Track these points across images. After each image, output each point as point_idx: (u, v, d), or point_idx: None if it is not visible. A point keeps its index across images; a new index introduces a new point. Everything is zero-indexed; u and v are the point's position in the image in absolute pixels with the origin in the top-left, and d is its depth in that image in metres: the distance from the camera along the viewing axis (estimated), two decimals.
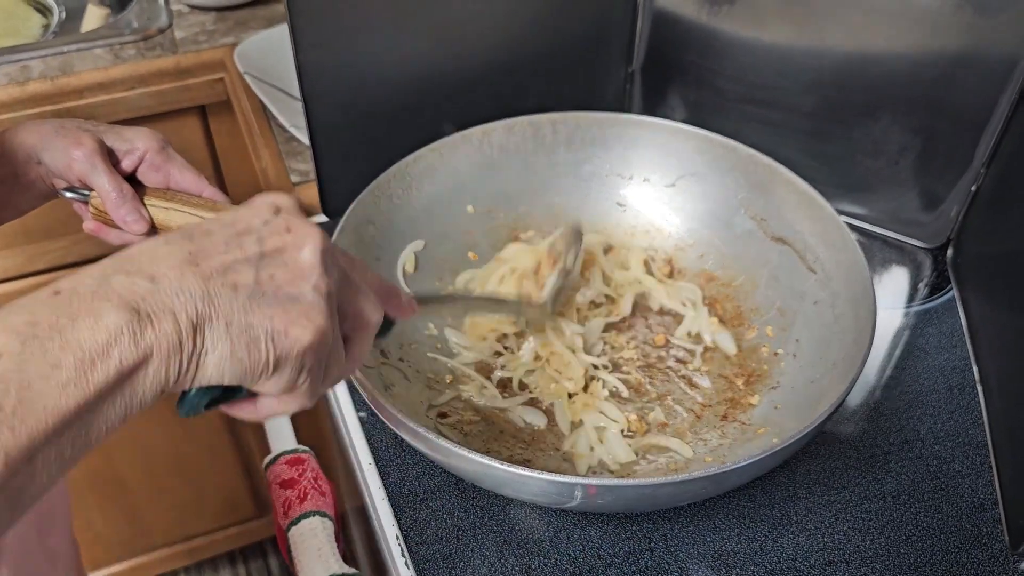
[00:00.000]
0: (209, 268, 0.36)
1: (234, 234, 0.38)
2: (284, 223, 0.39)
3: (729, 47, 0.84)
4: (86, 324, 0.33)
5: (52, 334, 0.32)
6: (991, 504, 0.65)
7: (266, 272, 0.37)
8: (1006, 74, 0.73)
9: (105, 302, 0.33)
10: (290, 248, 0.38)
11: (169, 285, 0.35)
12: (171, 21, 1.12)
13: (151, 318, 0.34)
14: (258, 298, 0.37)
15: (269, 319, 0.37)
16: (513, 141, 0.81)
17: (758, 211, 0.77)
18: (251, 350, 0.36)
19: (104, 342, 0.33)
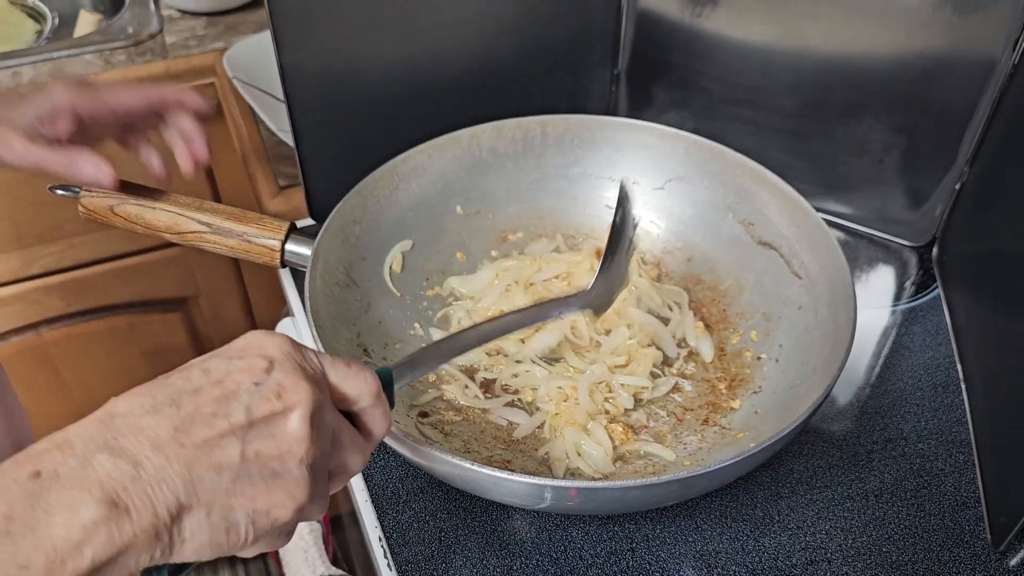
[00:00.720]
0: (193, 447, 0.35)
1: (222, 396, 0.36)
2: (275, 386, 0.37)
3: (713, 48, 0.84)
4: (61, 520, 0.32)
5: (25, 531, 0.32)
6: (974, 502, 0.66)
7: (252, 447, 0.36)
8: (987, 73, 0.73)
9: (84, 492, 0.32)
10: (278, 418, 0.37)
11: (152, 472, 0.34)
12: (162, 26, 1.12)
13: (130, 512, 0.33)
14: (242, 479, 0.36)
15: (251, 500, 0.36)
16: (502, 143, 0.81)
17: (745, 215, 0.77)
18: (230, 534, 0.36)
19: (78, 540, 0.32)
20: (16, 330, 1.17)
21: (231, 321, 1.30)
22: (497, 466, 0.63)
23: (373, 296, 0.73)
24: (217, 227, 0.70)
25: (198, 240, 0.71)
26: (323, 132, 0.78)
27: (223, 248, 0.71)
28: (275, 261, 0.70)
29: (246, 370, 0.37)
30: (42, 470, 0.33)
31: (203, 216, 0.70)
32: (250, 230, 0.70)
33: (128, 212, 0.70)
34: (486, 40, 0.83)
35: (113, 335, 1.22)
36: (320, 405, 0.38)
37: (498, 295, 0.76)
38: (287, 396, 0.37)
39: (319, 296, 0.66)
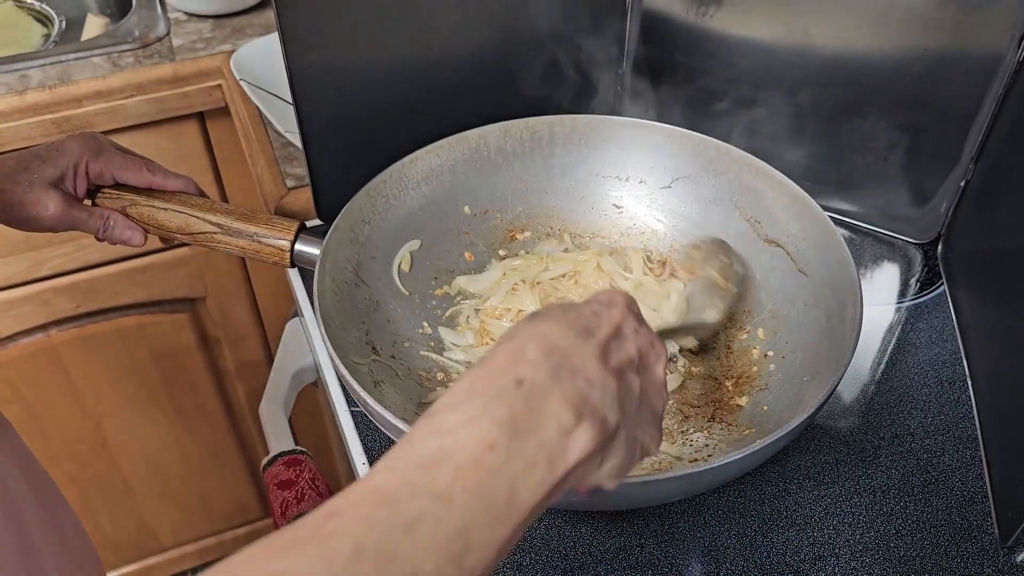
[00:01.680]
0: (614, 371, 0.39)
1: (616, 333, 0.40)
2: (648, 335, 0.42)
3: (718, 46, 0.84)
4: (551, 423, 0.35)
5: (528, 431, 0.35)
6: (981, 497, 0.66)
7: (643, 383, 0.40)
8: (992, 69, 0.73)
9: (560, 402, 0.36)
10: (652, 363, 0.42)
11: (600, 390, 0.37)
12: (169, 29, 1.13)
13: (589, 421, 0.36)
14: (641, 408, 0.40)
15: (644, 429, 0.40)
16: (510, 143, 0.82)
17: (752, 213, 0.77)
18: (632, 461, 0.39)
19: (563, 443, 0.35)
20: (26, 331, 1.18)
21: (239, 322, 1.31)
22: None
23: (382, 295, 0.74)
24: (227, 228, 0.71)
25: (209, 241, 0.72)
26: (331, 134, 0.78)
27: (234, 248, 0.72)
28: (285, 261, 0.71)
29: (621, 315, 0.41)
30: (524, 379, 0.36)
31: (214, 217, 0.71)
32: (260, 230, 0.71)
33: (141, 214, 0.72)
34: (491, 41, 0.83)
35: (122, 336, 1.23)
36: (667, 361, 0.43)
37: (505, 294, 0.76)
38: (657, 347, 0.42)
39: (328, 295, 0.67)
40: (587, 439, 0.36)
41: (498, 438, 0.34)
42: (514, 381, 0.36)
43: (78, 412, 1.28)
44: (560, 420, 0.36)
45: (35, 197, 0.67)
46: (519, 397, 0.36)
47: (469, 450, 0.34)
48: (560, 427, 0.36)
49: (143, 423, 1.35)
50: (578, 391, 0.37)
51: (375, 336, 0.71)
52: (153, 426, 1.36)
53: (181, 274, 1.21)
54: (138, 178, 0.72)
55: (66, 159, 0.69)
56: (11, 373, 1.20)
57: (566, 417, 0.36)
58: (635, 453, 0.40)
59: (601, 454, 0.38)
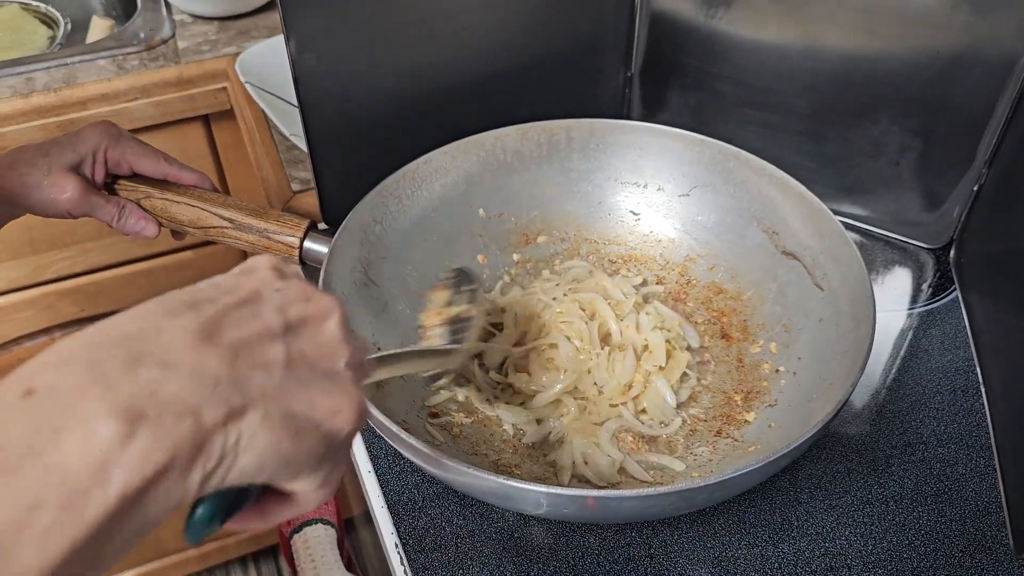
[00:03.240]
0: (229, 344, 0.29)
1: (244, 301, 0.31)
2: (299, 290, 0.34)
3: (727, 49, 0.83)
4: (74, 439, 0.25)
5: (27, 461, 0.24)
6: (995, 507, 0.65)
7: (296, 347, 0.31)
8: (1005, 73, 0.72)
9: (98, 403, 0.26)
10: (315, 319, 0.33)
11: (188, 373, 0.28)
12: (174, 31, 1.12)
13: (162, 420, 0.26)
14: (295, 378, 0.31)
15: (311, 404, 0.31)
16: (527, 146, 0.81)
17: (770, 224, 0.76)
18: (298, 441, 0.30)
19: (100, 462, 0.25)
20: (29, 335, 1.17)
21: None
22: (503, 471, 0.63)
23: (391, 295, 0.73)
24: (238, 223, 0.72)
25: (219, 235, 0.73)
26: (337, 138, 0.78)
27: (244, 243, 0.72)
28: (294, 258, 0.71)
29: (260, 280, 0.33)
30: (35, 387, 0.26)
31: (225, 212, 0.72)
32: (270, 226, 0.71)
33: (155, 206, 0.73)
34: (499, 44, 0.83)
35: None
36: (347, 316, 0.35)
37: None
38: (317, 301, 0.34)
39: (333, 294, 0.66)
40: (148, 446, 0.26)
41: None
42: (21, 392, 0.26)
43: None
44: (93, 432, 0.25)
45: (54, 180, 0.67)
46: (22, 412, 0.25)
47: None
48: (94, 441, 0.25)
49: None
50: (138, 385, 0.26)
51: (381, 337, 0.70)
52: None
53: (184, 277, 1.21)
54: (154, 168, 0.73)
55: (85, 145, 0.70)
56: None
57: (105, 426, 0.25)
58: (301, 431, 0.30)
59: (205, 455, 0.27)
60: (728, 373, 0.72)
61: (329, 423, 0.31)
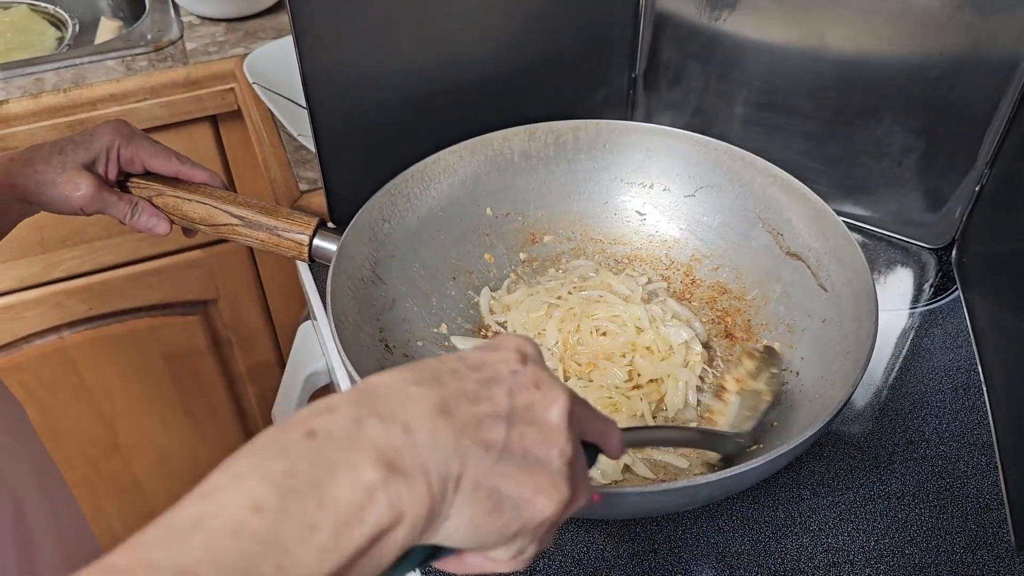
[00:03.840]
0: (462, 420, 0.33)
1: (484, 380, 0.35)
2: (533, 376, 0.36)
3: (731, 50, 0.84)
4: (344, 479, 0.30)
5: (310, 489, 0.29)
6: (997, 504, 0.65)
7: (517, 431, 0.34)
8: (1008, 73, 0.73)
9: (361, 454, 0.30)
10: (539, 406, 0.35)
11: (424, 439, 0.32)
12: (182, 32, 1.13)
13: (406, 477, 0.31)
14: (507, 459, 0.33)
15: (517, 484, 0.33)
16: (534, 146, 0.82)
17: (775, 225, 0.76)
18: (493, 517, 0.33)
19: (360, 502, 0.29)
20: (39, 333, 1.18)
21: (251, 324, 1.31)
22: None
23: (399, 293, 0.74)
24: (248, 220, 0.73)
25: (230, 232, 0.73)
26: (344, 138, 0.78)
27: (254, 241, 0.73)
28: (303, 255, 0.72)
29: (502, 360, 0.36)
30: (316, 430, 0.31)
31: (236, 209, 0.73)
32: (280, 224, 0.72)
33: (167, 203, 0.74)
34: (505, 45, 0.83)
35: (134, 338, 1.24)
36: (575, 405, 0.37)
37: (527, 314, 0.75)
38: (546, 389, 0.36)
39: (342, 291, 0.67)
40: (394, 495, 0.30)
41: (266, 498, 0.28)
42: (304, 432, 0.31)
43: (91, 414, 1.29)
44: (356, 473, 0.30)
45: (68, 177, 0.69)
46: (305, 450, 0.30)
47: (228, 515, 0.28)
48: (356, 482, 0.30)
49: (155, 425, 1.36)
50: (389, 441, 0.31)
51: (389, 334, 0.71)
52: (165, 428, 1.37)
53: (192, 277, 1.22)
54: (166, 166, 0.74)
55: (99, 143, 0.71)
56: (24, 375, 1.20)
57: (366, 471, 0.30)
58: (500, 507, 0.33)
59: (430, 513, 0.31)
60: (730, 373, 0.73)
61: (526, 506, 0.33)
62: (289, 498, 0.29)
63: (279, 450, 0.30)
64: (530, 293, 0.77)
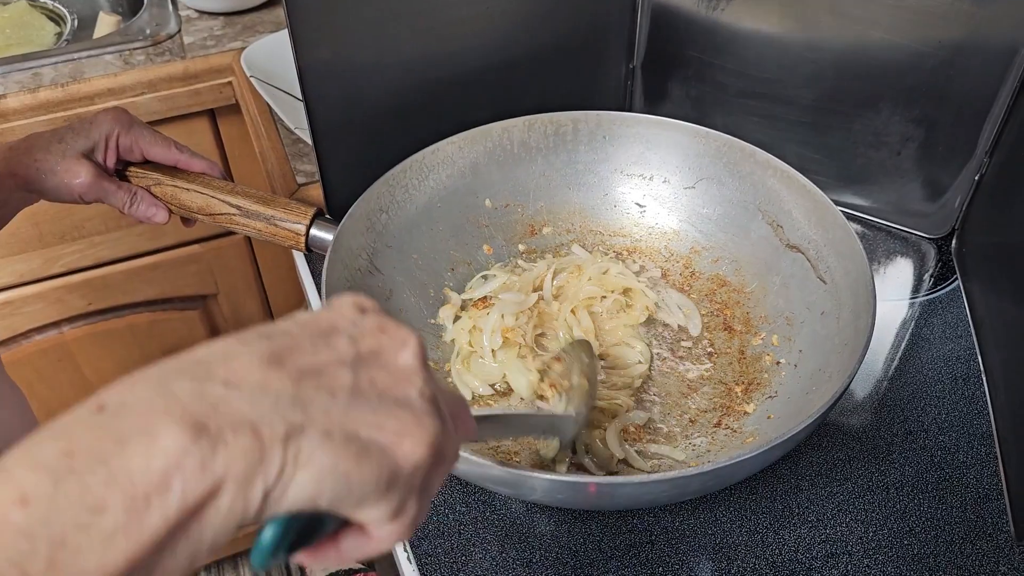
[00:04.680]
0: (298, 369, 0.30)
1: (319, 333, 0.32)
2: (376, 322, 0.34)
3: (729, 41, 0.83)
4: (138, 448, 0.26)
5: (93, 466, 0.25)
6: (996, 494, 0.65)
7: (366, 375, 0.31)
8: (1006, 62, 0.72)
9: (163, 416, 0.26)
10: (388, 350, 0.33)
11: (249, 390, 0.28)
12: (180, 26, 1.13)
13: (223, 435, 0.27)
14: (360, 404, 0.30)
15: (377, 428, 0.30)
16: (534, 137, 0.81)
17: (774, 217, 0.76)
18: (359, 463, 0.29)
19: (162, 471, 0.25)
20: (38, 328, 1.18)
21: (250, 318, 1.31)
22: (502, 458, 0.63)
23: (396, 284, 0.74)
24: (246, 210, 0.73)
25: (228, 222, 0.74)
26: (341, 131, 0.78)
27: (251, 231, 0.73)
28: (300, 245, 0.72)
29: (338, 315, 0.34)
30: (106, 403, 0.27)
31: (234, 199, 0.73)
32: (277, 213, 0.72)
33: (165, 192, 0.74)
34: (501, 36, 0.83)
35: (134, 333, 1.24)
36: (425, 349, 0.34)
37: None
38: (392, 332, 0.34)
39: (337, 281, 0.67)
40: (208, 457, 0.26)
41: (36, 486, 0.25)
42: (94, 407, 0.27)
43: None
44: (154, 439, 0.26)
45: (67, 165, 0.69)
46: (89, 424, 0.26)
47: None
48: (153, 449, 0.26)
49: None
50: (201, 401, 0.27)
51: None
52: None
53: (192, 271, 1.22)
54: (165, 155, 0.74)
55: (98, 131, 0.71)
56: (25, 370, 1.20)
57: (167, 435, 0.26)
58: (365, 453, 0.29)
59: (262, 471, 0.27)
60: (730, 365, 0.72)
61: (395, 448, 0.30)
62: (66, 481, 0.25)
63: (58, 431, 0.26)
64: (514, 279, 0.77)
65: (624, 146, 0.82)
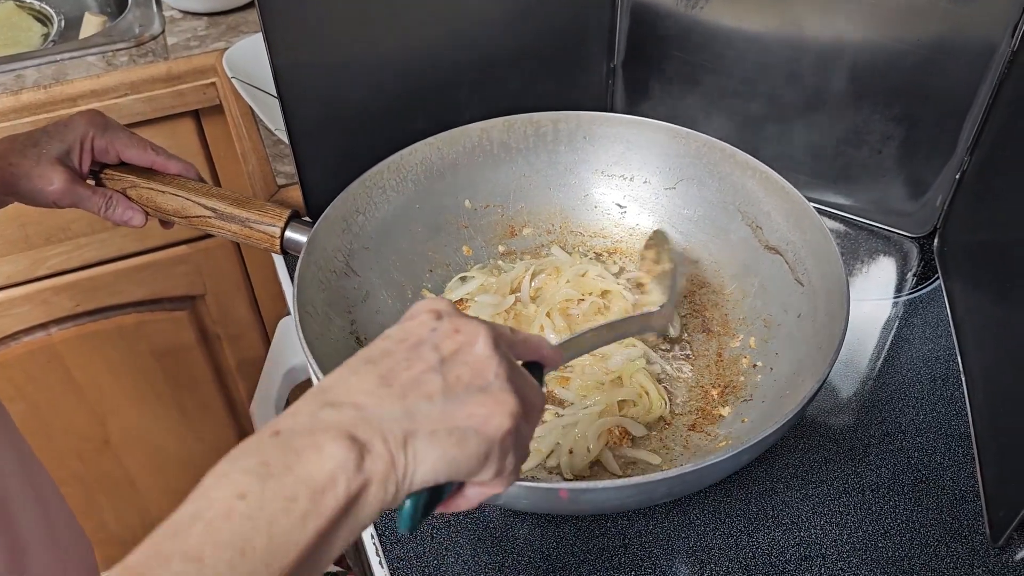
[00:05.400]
0: (401, 386, 0.38)
1: (411, 347, 0.40)
2: (451, 326, 0.41)
3: (709, 40, 0.83)
4: (312, 458, 0.35)
5: (284, 471, 0.35)
6: (973, 496, 0.65)
7: (451, 375, 0.39)
8: (985, 60, 0.72)
9: (323, 434, 0.36)
10: (465, 347, 0.40)
11: (374, 411, 0.37)
12: (163, 27, 1.13)
13: (367, 445, 0.36)
14: (452, 399, 0.39)
15: (468, 415, 0.38)
16: (513, 138, 0.81)
17: (754, 218, 0.75)
18: (461, 447, 0.38)
19: (330, 472, 0.35)
20: (26, 330, 1.18)
21: (238, 319, 1.31)
22: None
23: (373, 286, 0.74)
24: (221, 212, 0.73)
25: (204, 224, 0.74)
26: (318, 131, 0.78)
27: (227, 233, 0.73)
28: (275, 247, 0.72)
29: (420, 324, 0.42)
30: (280, 429, 0.37)
31: (209, 202, 0.73)
32: (252, 216, 0.72)
33: (141, 195, 0.74)
34: (480, 35, 0.83)
35: (122, 334, 1.24)
36: (497, 334, 0.42)
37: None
38: (465, 330, 0.41)
39: (311, 283, 0.67)
40: (359, 461, 0.36)
41: (249, 486, 0.34)
42: (270, 433, 0.36)
43: (81, 410, 1.29)
44: (322, 450, 0.35)
45: (41, 171, 0.69)
46: (274, 445, 0.36)
47: (219, 505, 0.34)
48: (323, 457, 0.35)
49: (146, 420, 1.36)
50: (344, 420, 0.37)
51: (361, 327, 0.71)
52: (156, 423, 1.37)
53: (180, 272, 1.21)
54: (141, 157, 0.74)
55: (73, 133, 0.71)
56: (14, 372, 1.20)
57: (331, 447, 0.35)
58: (464, 438, 0.38)
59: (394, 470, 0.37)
60: (707, 367, 0.72)
61: (485, 428, 0.38)
62: (268, 482, 0.34)
63: (252, 450, 0.36)
64: (494, 279, 0.77)
65: (605, 147, 0.82)
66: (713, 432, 0.66)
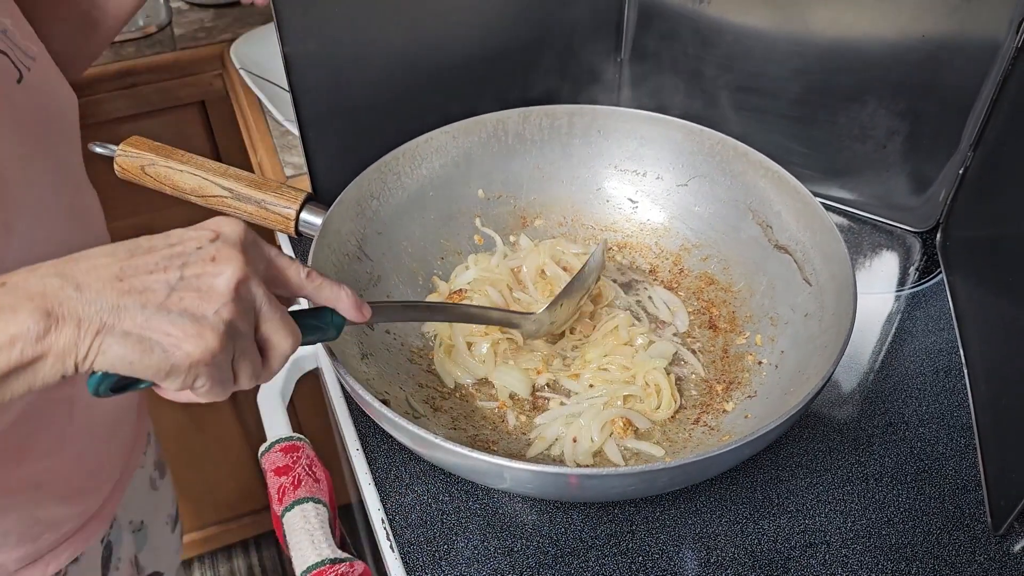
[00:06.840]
0: (130, 285, 0.42)
1: (170, 256, 0.43)
2: (213, 251, 0.44)
3: (716, 35, 0.84)
4: (6, 317, 0.40)
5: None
6: (975, 486, 0.66)
7: (177, 294, 0.43)
8: (990, 56, 0.73)
9: (28, 301, 0.40)
10: (207, 275, 0.43)
11: (88, 296, 0.41)
12: (170, 18, 1.13)
13: (59, 322, 0.40)
14: (162, 314, 0.42)
15: (165, 334, 0.42)
16: (528, 129, 0.81)
17: (764, 217, 0.76)
18: (142, 356, 0.42)
19: (11, 336, 0.40)
20: None
21: None
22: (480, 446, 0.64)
23: (384, 270, 0.74)
24: (237, 193, 0.73)
25: (220, 204, 0.74)
26: (327, 121, 0.78)
27: (242, 214, 0.74)
28: (290, 229, 0.73)
29: (195, 238, 0.44)
30: (7, 281, 0.41)
31: (226, 182, 0.73)
32: (267, 198, 0.72)
33: (158, 173, 0.74)
34: (488, 29, 0.83)
35: None
36: (248, 276, 0.45)
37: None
38: (220, 262, 0.44)
39: (323, 265, 0.67)
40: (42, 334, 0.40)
41: None
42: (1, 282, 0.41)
43: None
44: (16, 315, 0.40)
45: None
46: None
47: None
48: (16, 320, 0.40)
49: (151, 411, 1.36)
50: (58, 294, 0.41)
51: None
52: (156, 412, 1.37)
53: None
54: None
55: None
56: None
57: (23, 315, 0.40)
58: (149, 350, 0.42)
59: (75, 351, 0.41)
60: (712, 363, 0.73)
61: (173, 349, 0.42)
62: None
63: None
64: (485, 270, 0.78)
65: (619, 141, 0.82)
66: (717, 426, 0.67)
